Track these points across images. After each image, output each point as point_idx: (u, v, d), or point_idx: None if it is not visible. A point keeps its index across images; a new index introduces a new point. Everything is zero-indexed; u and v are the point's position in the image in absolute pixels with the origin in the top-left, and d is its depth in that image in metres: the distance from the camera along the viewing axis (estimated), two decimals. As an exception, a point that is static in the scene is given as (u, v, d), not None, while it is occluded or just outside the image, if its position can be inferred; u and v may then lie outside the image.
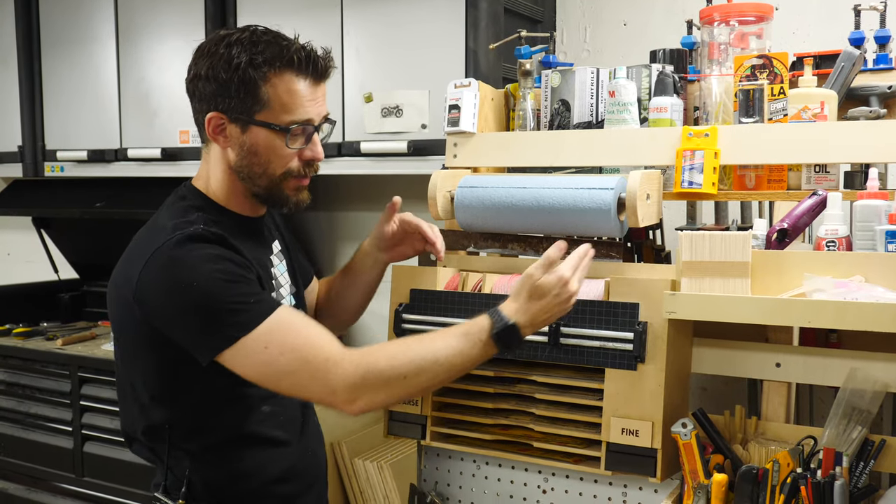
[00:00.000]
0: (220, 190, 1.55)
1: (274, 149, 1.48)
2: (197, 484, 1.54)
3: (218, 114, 1.47)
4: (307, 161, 1.52)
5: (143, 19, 2.81)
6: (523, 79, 1.95)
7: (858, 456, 1.48)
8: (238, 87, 1.43)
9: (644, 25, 2.44)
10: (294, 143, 1.48)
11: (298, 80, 1.45)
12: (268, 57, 1.43)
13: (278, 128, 1.46)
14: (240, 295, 1.40)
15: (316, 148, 1.52)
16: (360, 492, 2.58)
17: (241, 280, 1.41)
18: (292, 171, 1.51)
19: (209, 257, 1.40)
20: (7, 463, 2.95)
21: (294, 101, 1.45)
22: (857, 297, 1.39)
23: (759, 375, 1.63)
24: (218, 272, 1.39)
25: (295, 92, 1.45)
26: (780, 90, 1.68)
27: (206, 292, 1.38)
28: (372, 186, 2.84)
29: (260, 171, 1.50)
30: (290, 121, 1.46)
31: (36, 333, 3.09)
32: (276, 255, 1.65)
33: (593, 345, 1.61)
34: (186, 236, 1.41)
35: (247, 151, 1.48)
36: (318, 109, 1.49)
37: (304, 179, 1.53)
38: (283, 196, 1.53)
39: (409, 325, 1.79)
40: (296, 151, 1.50)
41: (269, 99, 1.44)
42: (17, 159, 3.12)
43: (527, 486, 1.76)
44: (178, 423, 1.52)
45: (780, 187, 1.72)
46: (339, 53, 2.44)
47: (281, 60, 1.43)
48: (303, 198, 1.55)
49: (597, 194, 1.64)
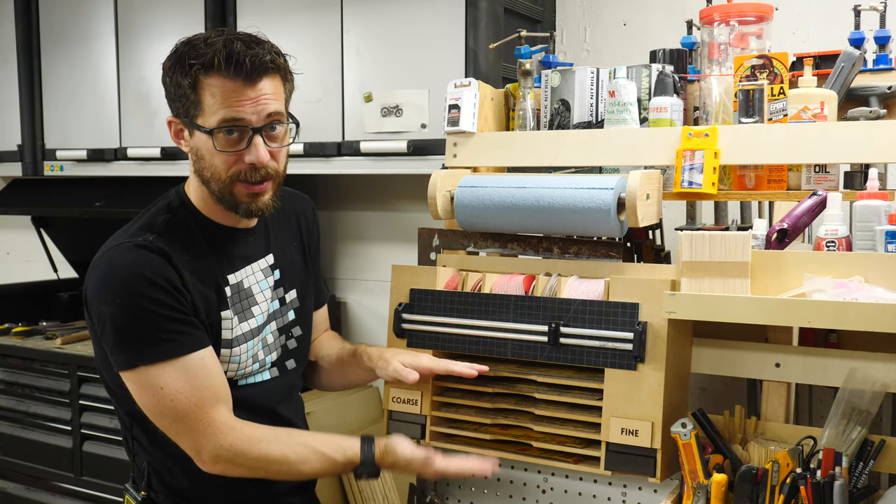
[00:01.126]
0: (195, 195, 1.57)
1: (211, 152, 1.46)
2: (153, 476, 1.58)
3: (173, 118, 1.52)
4: (252, 166, 1.46)
5: (143, 18, 2.81)
6: (523, 78, 1.94)
7: (858, 456, 1.48)
8: (176, 91, 1.47)
9: (644, 25, 2.44)
10: (221, 144, 1.45)
11: (224, 81, 1.42)
12: (195, 62, 1.43)
13: (206, 130, 1.45)
14: (153, 327, 1.42)
15: (256, 151, 1.45)
16: (359, 491, 2.58)
17: (161, 312, 1.42)
18: (239, 175, 1.47)
19: (140, 279, 1.42)
20: (6, 462, 2.95)
21: (217, 102, 1.43)
22: (856, 297, 1.39)
23: (758, 375, 1.63)
24: (142, 298, 1.42)
25: (218, 94, 1.43)
26: (780, 90, 1.68)
27: (124, 312, 1.43)
28: (372, 186, 2.84)
29: (208, 175, 1.49)
30: (217, 121, 1.44)
31: (35, 333, 3.08)
32: (261, 270, 1.62)
33: (593, 344, 1.61)
34: (133, 245, 1.46)
35: (196, 155, 1.50)
36: (255, 109, 1.44)
37: (255, 186, 1.48)
38: (236, 202, 1.50)
39: (409, 324, 1.79)
40: (235, 154, 1.45)
41: (201, 102, 1.44)
42: (16, 158, 3.11)
43: (526, 486, 1.76)
44: (133, 416, 1.54)
45: (779, 187, 1.72)
46: (339, 53, 2.44)
47: (204, 64, 1.42)
48: (260, 204, 1.51)
49: (597, 194, 1.64)
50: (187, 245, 1.51)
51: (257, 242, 1.63)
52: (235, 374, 1.56)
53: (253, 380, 1.61)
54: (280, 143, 1.50)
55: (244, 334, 1.57)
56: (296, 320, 1.69)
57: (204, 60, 1.42)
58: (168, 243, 1.48)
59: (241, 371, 1.57)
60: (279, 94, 1.49)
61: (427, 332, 1.78)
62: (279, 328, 1.66)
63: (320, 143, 2.45)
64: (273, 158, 1.49)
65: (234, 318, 1.55)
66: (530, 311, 1.68)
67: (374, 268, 2.84)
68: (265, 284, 1.62)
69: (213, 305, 1.52)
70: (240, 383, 1.58)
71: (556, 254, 1.78)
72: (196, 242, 1.53)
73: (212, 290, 1.52)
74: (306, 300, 1.73)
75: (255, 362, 1.60)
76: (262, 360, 1.62)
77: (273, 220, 1.69)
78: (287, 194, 1.72)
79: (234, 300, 1.56)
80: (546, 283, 1.71)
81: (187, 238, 1.52)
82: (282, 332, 1.66)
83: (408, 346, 1.80)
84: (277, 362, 1.65)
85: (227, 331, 1.54)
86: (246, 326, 1.58)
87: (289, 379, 1.69)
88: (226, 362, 1.54)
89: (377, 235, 2.87)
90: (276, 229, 1.70)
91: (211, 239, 1.56)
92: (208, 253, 1.54)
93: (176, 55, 1.47)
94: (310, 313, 1.76)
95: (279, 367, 1.66)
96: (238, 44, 1.43)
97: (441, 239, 1.90)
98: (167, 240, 1.49)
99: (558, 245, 1.78)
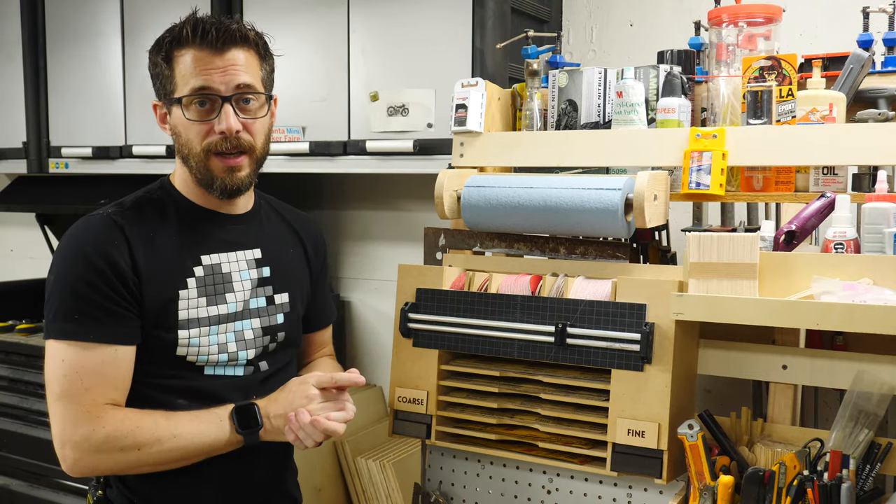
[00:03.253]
0: (178, 179, 1.60)
1: (185, 125, 1.50)
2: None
3: (156, 102, 1.57)
4: (223, 136, 1.48)
5: (148, 16, 2.81)
6: (530, 78, 1.94)
7: (865, 459, 1.48)
8: (154, 72, 1.54)
9: (650, 26, 2.44)
10: (192, 114, 1.48)
11: (194, 51, 1.48)
12: (167, 39, 1.50)
13: (177, 100, 1.48)
14: (78, 304, 1.43)
15: (227, 119, 1.47)
16: (363, 491, 2.58)
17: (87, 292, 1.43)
18: (212, 146, 1.49)
19: (78, 255, 1.45)
20: (10, 459, 2.95)
21: (189, 72, 1.47)
22: (865, 299, 1.38)
23: (765, 377, 1.63)
24: (75, 275, 1.44)
25: (188, 63, 1.48)
26: (788, 92, 1.68)
27: (56, 281, 1.46)
28: (377, 185, 2.84)
29: (186, 151, 1.52)
30: (188, 90, 1.47)
31: (39, 330, 3.08)
32: (245, 260, 1.60)
33: (600, 345, 1.61)
34: (91, 216, 1.50)
35: (175, 133, 1.53)
36: (223, 79, 1.47)
37: (229, 159, 1.50)
38: (212, 176, 1.51)
39: (415, 324, 1.79)
40: (206, 124, 1.48)
41: (174, 76, 1.49)
42: (21, 155, 3.11)
43: (531, 487, 1.76)
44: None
45: (787, 189, 1.72)
46: (346, 52, 2.44)
47: (175, 39, 1.49)
48: (236, 180, 1.51)
49: (604, 195, 1.64)
50: (155, 221, 1.53)
51: (245, 233, 1.62)
52: (197, 360, 1.53)
53: (222, 371, 1.56)
54: (253, 115, 1.52)
55: (209, 318, 1.54)
56: (283, 325, 1.64)
57: (174, 34, 1.49)
58: (128, 217, 1.51)
59: (202, 357, 1.53)
60: (252, 67, 1.51)
61: (433, 332, 1.77)
62: (263, 327, 1.61)
63: (326, 142, 2.45)
64: (247, 131, 1.51)
65: (200, 300, 1.53)
66: (537, 311, 1.68)
67: (378, 267, 2.84)
68: (246, 275, 1.60)
69: (169, 283, 1.51)
70: (206, 371, 1.55)
71: (562, 254, 1.78)
72: (167, 219, 1.55)
73: (174, 267, 1.52)
74: (298, 307, 1.70)
75: (223, 353, 1.55)
76: (234, 353, 1.57)
77: (272, 221, 1.69)
78: (298, 214, 1.78)
79: (207, 282, 1.54)
80: (553, 283, 1.71)
81: (157, 214, 1.55)
82: (266, 333, 1.62)
83: (414, 346, 1.79)
84: (254, 361, 1.61)
85: (183, 311, 1.51)
86: (214, 311, 1.54)
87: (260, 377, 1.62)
88: (185, 346, 1.51)
89: (382, 235, 2.86)
90: (273, 230, 1.68)
91: (187, 218, 1.57)
92: (181, 230, 1.55)
93: (156, 40, 1.54)
94: (300, 324, 1.71)
95: (254, 366, 1.61)
96: (207, 18, 1.50)
97: (447, 239, 1.90)
98: (131, 213, 1.52)
99: (565, 245, 1.78)
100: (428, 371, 1.78)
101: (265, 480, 1.65)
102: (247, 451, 1.52)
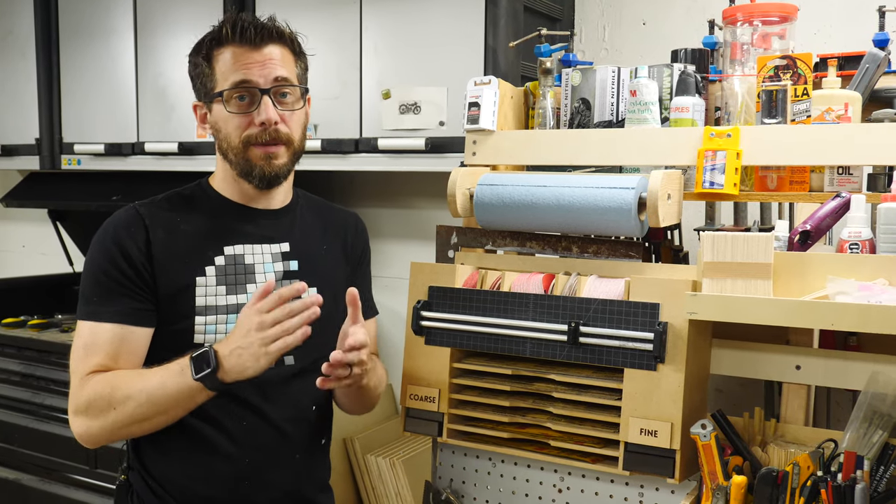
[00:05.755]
0: (218, 176, 1.65)
1: (225, 119, 1.55)
2: (130, 453, 1.63)
3: (197, 103, 1.62)
4: (263, 127, 1.53)
5: (161, 13, 2.82)
6: (543, 77, 1.94)
7: (879, 460, 1.47)
8: (195, 72, 1.60)
9: (663, 25, 2.43)
10: (233, 107, 1.53)
11: (233, 48, 1.54)
12: (207, 40, 1.57)
13: (219, 94, 1.54)
14: (94, 287, 1.54)
15: (266, 110, 1.52)
16: (373, 488, 2.58)
17: (105, 273, 1.53)
18: (251, 138, 1.54)
19: (102, 245, 1.55)
20: (22, 454, 2.97)
21: (228, 68, 1.54)
22: (881, 300, 1.38)
23: (779, 378, 1.62)
24: (97, 260, 1.55)
25: (227, 60, 1.54)
26: (803, 91, 1.67)
27: (84, 268, 1.58)
28: (389, 183, 2.84)
29: (226, 145, 1.57)
30: (229, 84, 1.53)
31: (51, 325, 3.10)
32: (271, 254, 1.62)
33: (613, 344, 1.61)
34: (119, 210, 1.59)
35: (216, 129, 1.58)
36: (262, 72, 1.53)
37: (269, 147, 1.55)
38: (251, 165, 1.56)
39: (427, 322, 1.79)
40: (246, 116, 1.53)
41: (215, 73, 1.56)
42: (34, 152, 3.13)
43: (542, 485, 1.76)
44: None
45: (801, 189, 1.71)
46: (358, 50, 2.44)
47: (215, 38, 1.56)
48: (274, 168, 1.56)
49: (618, 193, 1.64)
50: (183, 212, 1.60)
51: (276, 227, 1.65)
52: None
53: None
54: (291, 108, 1.57)
55: (227, 306, 1.56)
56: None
57: (214, 35, 1.56)
58: (155, 208, 1.59)
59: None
60: (288, 63, 1.58)
61: (445, 330, 1.77)
62: None
63: (338, 139, 2.45)
64: (284, 123, 1.56)
65: (219, 288, 1.56)
66: (550, 309, 1.68)
67: (390, 265, 2.84)
68: (270, 267, 1.62)
69: (187, 270, 1.55)
70: None
71: (574, 253, 1.78)
72: (196, 211, 1.61)
73: (194, 255, 1.57)
74: (331, 307, 1.66)
75: None
76: None
77: (307, 218, 1.70)
78: (336, 208, 1.81)
79: (228, 271, 1.57)
80: (566, 282, 1.71)
81: (187, 207, 1.62)
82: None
83: (426, 344, 1.79)
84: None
85: (200, 298, 1.55)
86: (233, 300, 1.56)
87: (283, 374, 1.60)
88: (201, 333, 1.54)
89: (393, 233, 2.87)
90: (308, 227, 1.69)
91: (218, 212, 1.62)
92: (208, 222, 1.61)
93: (196, 43, 1.60)
94: (332, 321, 1.66)
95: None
96: (245, 17, 1.57)
97: (459, 237, 1.90)
98: (160, 205, 1.60)
99: (577, 244, 1.78)
100: (440, 369, 1.78)
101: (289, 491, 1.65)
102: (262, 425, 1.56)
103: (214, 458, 1.56)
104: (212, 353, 1.43)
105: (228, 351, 1.42)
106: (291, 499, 1.65)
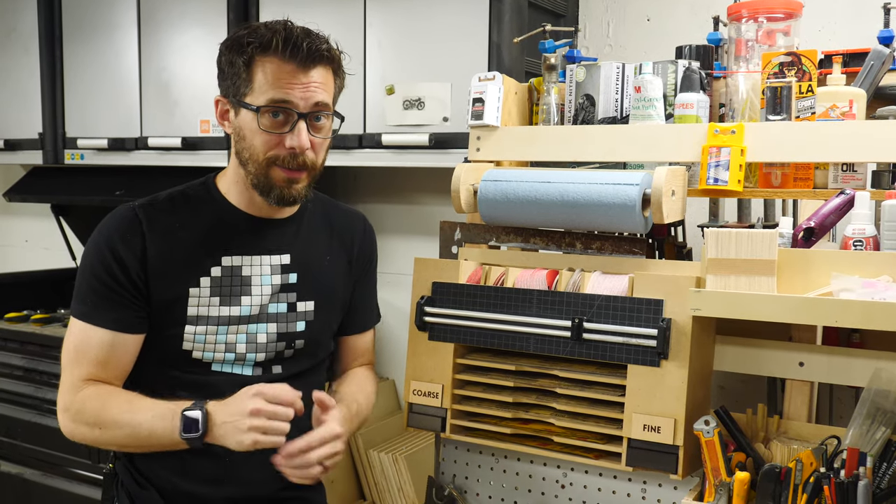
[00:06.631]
0: (226, 180, 1.60)
1: (254, 131, 1.48)
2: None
3: (220, 98, 1.54)
4: (292, 152, 1.48)
5: (165, 8, 2.81)
6: (548, 73, 1.94)
7: (881, 457, 1.47)
8: (229, 70, 1.50)
9: (667, 21, 2.43)
10: (266, 124, 1.46)
11: (279, 62, 1.46)
12: (254, 42, 1.47)
13: (253, 108, 1.47)
14: (88, 289, 1.53)
15: (299, 136, 1.47)
16: (375, 483, 2.59)
17: (98, 278, 1.52)
18: (277, 159, 1.48)
19: (97, 246, 1.53)
20: (24, 448, 2.97)
21: (268, 82, 1.46)
22: (885, 297, 1.38)
23: (782, 374, 1.63)
24: (92, 262, 1.53)
25: (272, 73, 1.46)
26: (808, 88, 1.67)
27: (80, 265, 1.58)
28: (393, 178, 2.85)
29: (247, 155, 1.51)
30: (265, 100, 1.46)
31: (54, 320, 3.10)
32: (270, 266, 1.59)
33: (616, 340, 1.61)
34: (122, 208, 1.57)
35: (238, 135, 1.52)
36: (304, 95, 1.46)
37: (294, 172, 1.50)
38: (271, 184, 1.50)
39: (431, 317, 1.79)
40: (277, 137, 1.47)
41: (253, 81, 1.47)
42: (37, 146, 3.13)
43: (545, 481, 1.76)
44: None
45: (806, 185, 1.71)
46: (362, 45, 2.44)
47: (262, 44, 1.46)
48: (294, 192, 1.51)
49: (622, 190, 1.64)
50: (184, 217, 1.56)
51: (278, 238, 1.61)
52: (203, 356, 1.55)
53: (229, 369, 1.56)
54: (323, 134, 1.52)
55: (220, 318, 1.54)
56: (304, 333, 1.62)
57: (262, 41, 1.46)
58: (155, 210, 1.55)
59: (208, 354, 1.54)
60: (329, 86, 1.51)
61: (449, 326, 1.78)
62: (280, 333, 1.60)
63: (341, 134, 2.44)
64: (313, 149, 1.50)
65: (212, 299, 1.54)
66: (553, 305, 1.68)
67: (393, 260, 2.84)
68: (268, 280, 1.59)
69: (181, 279, 1.53)
70: (213, 368, 1.56)
71: (578, 249, 1.78)
72: (198, 216, 1.57)
73: (190, 264, 1.54)
74: (325, 317, 1.66)
75: (230, 352, 1.56)
76: (242, 353, 1.57)
77: (312, 227, 1.66)
78: (343, 210, 1.76)
79: (223, 282, 1.55)
80: (569, 278, 1.71)
81: (189, 211, 1.57)
82: (282, 339, 1.60)
83: (429, 340, 1.80)
84: (264, 364, 1.60)
85: (192, 308, 1.53)
86: (226, 311, 1.55)
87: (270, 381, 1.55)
88: (190, 341, 1.54)
89: (397, 228, 2.87)
90: (312, 237, 1.66)
91: (220, 219, 1.57)
92: (208, 230, 1.56)
93: (235, 36, 1.51)
94: (327, 333, 1.69)
95: (264, 367, 1.60)
96: (297, 30, 1.48)
97: (463, 232, 1.90)
98: (161, 207, 1.56)
99: (581, 240, 1.78)
100: (443, 365, 1.79)
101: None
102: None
103: (195, 455, 1.51)
104: (203, 417, 1.41)
105: (220, 421, 1.41)
106: (277, 496, 1.63)
